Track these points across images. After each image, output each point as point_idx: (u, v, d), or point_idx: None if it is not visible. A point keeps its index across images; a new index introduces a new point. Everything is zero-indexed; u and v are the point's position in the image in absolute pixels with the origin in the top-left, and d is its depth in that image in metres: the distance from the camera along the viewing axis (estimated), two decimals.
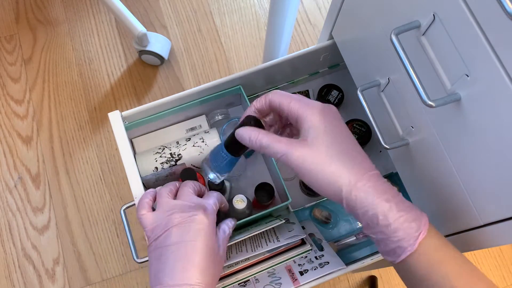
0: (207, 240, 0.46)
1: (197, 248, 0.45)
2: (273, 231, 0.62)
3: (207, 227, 0.47)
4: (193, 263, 0.44)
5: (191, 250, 0.45)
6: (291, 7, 0.76)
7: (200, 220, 0.47)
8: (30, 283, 1.04)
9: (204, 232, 0.46)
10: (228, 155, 0.48)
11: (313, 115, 0.41)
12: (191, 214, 0.47)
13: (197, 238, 0.46)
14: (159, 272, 0.44)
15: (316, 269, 0.58)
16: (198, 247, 0.45)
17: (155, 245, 0.47)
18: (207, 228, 0.47)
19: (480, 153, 0.39)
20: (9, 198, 1.10)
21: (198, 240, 0.46)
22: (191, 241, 0.45)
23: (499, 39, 0.32)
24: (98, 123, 1.16)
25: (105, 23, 1.26)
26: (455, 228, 0.49)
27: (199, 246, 0.45)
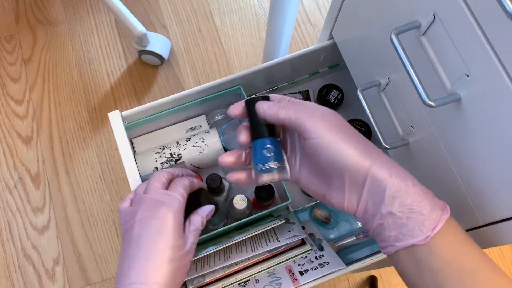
0: (168, 237, 0.44)
1: (155, 247, 0.43)
2: (273, 231, 0.62)
3: (168, 223, 0.44)
4: (151, 262, 0.43)
5: (150, 249, 0.43)
6: (291, 7, 0.76)
7: (161, 217, 0.45)
8: (30, 283, 1.04)
9: (165, 229, 0.44)
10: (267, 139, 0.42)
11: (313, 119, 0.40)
12: (153, 212, 0.45)
13: (157, 236, 0.44)
14: (119, 271, 0.44)
15: (316, 269, 0.58)
16: (157, 246, 0.43)
17: (122, 241, 0.46)
18: (168, 225, 0.44)
19: (480, 153, 0.39)
20: (9, 198, 1.10)
21: (157, 238, 0.44)
22: (150, 240, 0.44)
23: (499, 39, 0.32)
24: (98, 123, 1.16)
25: (105, 23, 1.26)
26: None
27: (158, 245, 0.43)
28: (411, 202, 0.35)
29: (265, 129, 0.42)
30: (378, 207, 0.36)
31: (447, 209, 0.36)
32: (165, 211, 0.45)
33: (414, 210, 0.35)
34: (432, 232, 0.35)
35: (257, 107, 0.42)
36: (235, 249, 0.60)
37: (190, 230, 0.48)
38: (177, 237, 0.45)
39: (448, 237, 0.36)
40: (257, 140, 0.42)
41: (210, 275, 0.58)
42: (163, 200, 0.46)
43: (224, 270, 0.58)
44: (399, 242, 0.36)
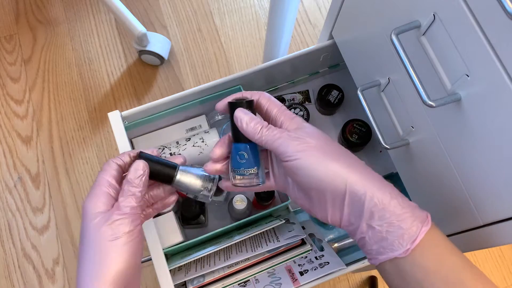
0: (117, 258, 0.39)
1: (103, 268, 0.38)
2: (273, 231, 0.62)
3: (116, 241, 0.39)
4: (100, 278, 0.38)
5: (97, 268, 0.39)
6: (291, 7, 0.76)
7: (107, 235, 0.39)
8: (30, 283, 1.04)
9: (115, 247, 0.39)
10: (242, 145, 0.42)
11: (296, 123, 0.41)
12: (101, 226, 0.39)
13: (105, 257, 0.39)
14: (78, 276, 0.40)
15: (316, 269, 0.58)
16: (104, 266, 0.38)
17: None
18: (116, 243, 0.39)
19: (481, 153, 0.39)
20: (9, 198, 1.10)
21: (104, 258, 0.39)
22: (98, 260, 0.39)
23: (499, 39, 0.32)
24: (98, 123, 1.16)
25: (105, 23, 1.26)
26: (455, 228, 0.49)
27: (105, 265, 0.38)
28: (389, 216, 0.36)
29: (242, 134, 0.41)
30: (359, 221, 0.37)
31: (428, 221, 0.36)
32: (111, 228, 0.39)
33: (393, 224, 0.36)
34: (412, 245, 0.35)
35: (235, 119, 0.41)
36: (235, 249, 0.60)
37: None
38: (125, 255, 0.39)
39: (430, 249, 0.36)
40: (235, 144, 0.43)
41: (210, 275, 0.58)
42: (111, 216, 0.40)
43: (224, 270, 0.58)
44: (380, 255, 0.37)
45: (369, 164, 0.77)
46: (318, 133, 0.40)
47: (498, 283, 1.07)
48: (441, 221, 0.51)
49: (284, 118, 0.42)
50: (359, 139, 0.71)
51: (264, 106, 0.43)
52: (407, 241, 0.35)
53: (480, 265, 1.08)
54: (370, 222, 0.37)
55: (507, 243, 0.41)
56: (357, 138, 0.71)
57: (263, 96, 0.44)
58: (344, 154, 0.39)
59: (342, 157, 0.39)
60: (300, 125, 0.41)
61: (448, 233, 0.51)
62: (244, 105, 0.42)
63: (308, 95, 0.78)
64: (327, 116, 0.78)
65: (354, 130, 0.72)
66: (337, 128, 0.76)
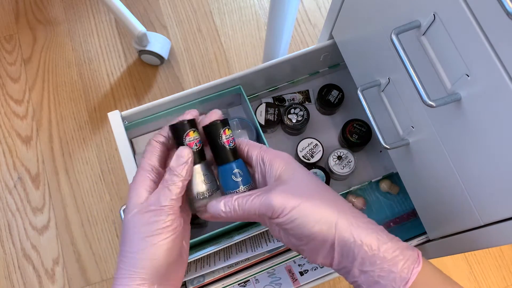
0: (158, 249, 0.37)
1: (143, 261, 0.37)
2: None
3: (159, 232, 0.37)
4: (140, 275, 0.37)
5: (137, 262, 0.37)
6: (291, 7, 0.76)
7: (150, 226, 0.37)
8: (30, 283, 1.04)
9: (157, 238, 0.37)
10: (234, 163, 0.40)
11: (282, 161, 0.40)
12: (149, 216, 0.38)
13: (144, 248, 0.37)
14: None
15: (316, 269, 0.58)
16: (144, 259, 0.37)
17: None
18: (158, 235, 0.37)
19: (481, 153, 0.39)
20: (9, 198, 1.10)
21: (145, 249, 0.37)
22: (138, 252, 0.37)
23: (499, 39, 0.32)
24: (98, 123, 1.16)
25: (105, 23, 1.26)
26: (455, 228, 0.49)
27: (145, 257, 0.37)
28: (380, 262, 0.36)
29: (229, 153, 0.40)
30: (351, 266, 0.37)
31: (419, 261, 0.37)
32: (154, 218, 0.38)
33: (384, 269, 0.36)
34: (405, 286, 0.35)
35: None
36: (235, 249, 0.60)
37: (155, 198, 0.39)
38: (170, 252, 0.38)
39: (423, 286, 0.36)
40: (223, 166, 0.40)
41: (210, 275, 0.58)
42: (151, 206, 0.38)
43: (224, 270, 0.58)
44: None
45: (369, 164, 0.77)
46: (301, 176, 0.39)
47: (498, 283, 1.07)
48: (442, 221, 0.51)
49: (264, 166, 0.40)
50: (359, 139, 0.71)
51: (244, 150, 0.42)
52: (399, 284, 0.36)
53: (480, 264, 1.08)
54: (361, 268, 0.37)
55: (507, 243, 0.41)
56: (357, 138, 0.71)
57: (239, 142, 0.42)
58: (329, 196, 0.38)
59: (329, 202, 0.38)
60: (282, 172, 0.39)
61: (448, 233, 0.51)
62: (186, 126, 0.39)
63: (308, 95, 0.78)
64: (327, 116, 0.78)
65: (354, 130, 0.72)
66: (337, 128, 0.76)
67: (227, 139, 0.40)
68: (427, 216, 0.55)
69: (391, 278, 0.36)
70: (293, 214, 0.37)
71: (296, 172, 0.40)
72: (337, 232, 0.37)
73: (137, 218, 0.38)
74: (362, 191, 0.70)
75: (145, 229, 0.37)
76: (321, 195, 0.38)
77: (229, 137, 0.40)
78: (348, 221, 0.37)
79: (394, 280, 0.36)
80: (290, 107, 0.73)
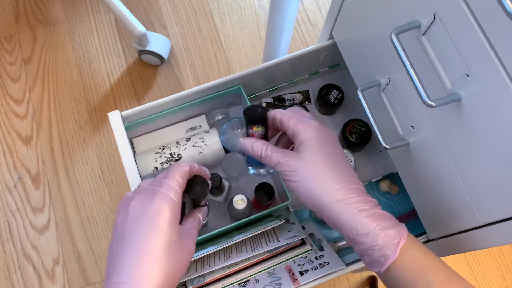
0: (162, 233, 0.39)
1: (148, 243, 0.39)
2: (273, 231, 0.62)
3: (166, 218, 0.40)
4: (142, 261, 0.38)
5: (142, 246, 0.39)
6: (291, 7, 0.76)
7: (157, 211, 0.40)
8: (30, 283, 1.04)
9: (159, 223, 0.40)
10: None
11: (306, 132, 0.45)
12: (148, 203, 0.40)
13: (150, 232, 0.39)
14: (109, 266, 0.40)
15: (316, 269, 0.58)
16: (150, 242, 0.39)
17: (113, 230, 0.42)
18: (166, 219, 0.40)
19: (481, 153, 0.39)
20: (9, 198, 1.10)
21: (150, 233, 0.39)
22: (142, 236, 0.39)
23: (499, 39, 0.32)
24: (98, 123, 1.16)
25: (105, 23, 1.26)
26: (455, 228, 0.49)
27: (151, 241, 0.39)
28: (369, 242, 0.41)
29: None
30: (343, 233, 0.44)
31: (404, 236, 0.41)
32: (159, 202, 0.40)
33: (372, 247, 0.41)
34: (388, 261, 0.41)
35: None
36: (235, 249, 0.60)
37: (188, 228, 0.44)
38: (172, 232, 0.40)
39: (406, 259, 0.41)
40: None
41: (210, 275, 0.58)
42: (156, 189, 0.42)
43: (224, 270, 0.58)
44: (371, 267, 0.43)
45: (369, 164, 0.77)
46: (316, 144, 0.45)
47: (498, 283, 1.07)
48: (442, 221, 0.51)
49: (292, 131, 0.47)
50: (359, 139, 0.71)
51: (277, 120, 0.48)
52: (382, 261, 0.41)
53: (480, 264, 1.08)
54: (348, 242, 0.44)
55: (507, 243, 0.41)
56: (357, 138, 0.71)
57: (276, 112, 0.49)
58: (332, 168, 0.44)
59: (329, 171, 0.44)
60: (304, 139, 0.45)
61: (448, 233, 0.51)
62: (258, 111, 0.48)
63: (308, 95, 0.78)
64: (327, 116, 0.78)
65: (354, 130, 0.72)
66: (337, 128, 0.76)
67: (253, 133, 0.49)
68: (427, 216, 0.55)
69: (380, 254, 0.41)
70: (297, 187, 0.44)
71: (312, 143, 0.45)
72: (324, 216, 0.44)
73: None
74: None
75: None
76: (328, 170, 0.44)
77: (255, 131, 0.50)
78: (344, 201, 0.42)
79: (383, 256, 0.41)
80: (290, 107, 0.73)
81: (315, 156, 0.44)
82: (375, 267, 0.42)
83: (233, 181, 0.72)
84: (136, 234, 0.39)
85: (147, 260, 0.38)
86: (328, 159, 0.44)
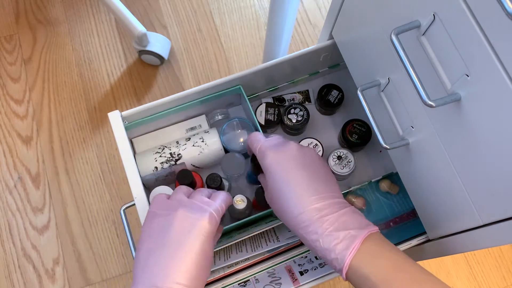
0: (205, 245, 0.46)
1: (193, 253, 0.44)
2: (273, 231, 0.62)
3: (207, 233, 0.46)
4: (186, 268, 0.43)
5: (187, 255, 0.44)
6: (291, 7, 0.76)
7: (203, 225, 0.46)
8: (30, 283, 1.04)
9: (204, 237, 0.46)
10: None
11: (262, 162, 0.51)
12: (197, 216, 0.46)
13: (195, 242, 0.45)
14: (150, 270, 0.43)
15: (316, 269, 0.58)
16: (194, 252, 0.44)
17: (151, 233, 0.46)
18: (207, 234, 0.46)
19: (480, 153, 0.39)
20: (9, 198, 1.10)
21: (196, 244, 0.45)
22: (188, 244, 0.45)
23: (499, 39, 0.32)
24: (98, 123, 1.16)
25: (105, 23, 1.26)
26: (455, 228, 0.49)
27: (195, 251, 0.45)
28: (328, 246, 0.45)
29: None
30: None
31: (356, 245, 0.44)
32: (206, 218, 0.46)
33: (330, 249, 0.45)
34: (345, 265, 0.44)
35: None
36: (235, 249, 0.60)
37: (215, 242, 0.52)
38: (210, 243, 0.47)
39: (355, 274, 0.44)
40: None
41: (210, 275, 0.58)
42: (206, 207, 0.48)
43: (224, 270, 0.58)
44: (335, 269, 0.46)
45: (369, 164, 0.77)
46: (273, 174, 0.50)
47: (498, 283, 1.07)
48: (441, 221, 0.51)
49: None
50: (359, 139, 0.71)
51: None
52: (338, 271, 0.45)
53: (480, 264, 1.08)
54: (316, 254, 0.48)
55: (507, 243, 0.41)
56: (357, 138, 0.71)
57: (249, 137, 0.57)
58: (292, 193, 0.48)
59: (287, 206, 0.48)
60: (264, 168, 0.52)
61: (448, 233, 0.51)
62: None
63: (308, 95, 0.78)
64: (327, 116, 0.78)
65: (354, 130, 0.72)
66: (337, 128, 0.76)
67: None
68: (427, 216, 0.55)
69: (333, 259, 0.45)
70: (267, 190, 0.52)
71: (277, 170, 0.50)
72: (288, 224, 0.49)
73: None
74: (362, 191, 0.71)
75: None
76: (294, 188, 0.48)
77: None
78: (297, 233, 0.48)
79: (336, 261, 0.45)
80: (290, 107, 0.73)
81: (272, 185, 0.49)
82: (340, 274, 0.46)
83: (233, 181, 0.72)
84: (183, 243, 0.44)
85: (189, 268, 0.43)
86: (287, 186, 0.48)
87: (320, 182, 0.48)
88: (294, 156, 0.50)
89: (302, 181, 0.48)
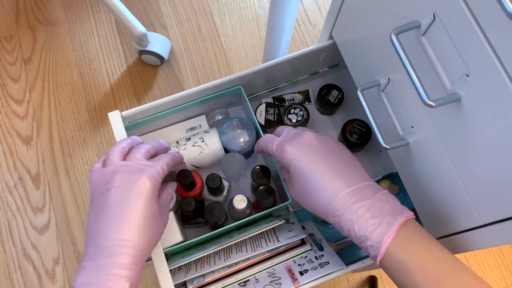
0: (147, 204, 0.45)
1: (135, 212, 0.45)
2: (273, 231, 0.62)
3: (148, 192, 0.46)
4: (129, 225, 0.44)
5: (129, 213, 0.44)
6: (291, 7, 0.76)
7: (141, 185, 0.46)
8: (30, 283, 1.04)
9: (144, 196, 0.45)
10: None
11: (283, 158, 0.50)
12: (134, 178, 0.46)
13: (136, 202, 0.45)
14: (96, 233, 0.44)
15: (316, 269, 0.58)
16: (136, 211, 0.45)
17: (94, 203, 0.47)
18: (147, 193, 0.46)
19: (480, 153, 0.39)
20: (9, 198, 1.10)
21: (136, 203, 0.45)
22: (129, 204, 0.45)
23: (499, 39, 0.32)
24: (98, 123, 1.16)
25: (105, 23, 1.26)
26: (455, 228, 0.49)
27: (137, 210, 0.45)
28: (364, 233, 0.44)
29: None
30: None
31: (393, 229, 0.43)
32: (144, 178, 0.46)
33: (365, 236, 0.44)
34: (380, 252, 0.43)
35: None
36: (235, 249, 0.60)
37: (164, 200, 0.51)
38: (155, 206, 0.47)
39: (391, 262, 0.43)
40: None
41: (210, 275, 0.58)
42: (143, 169, 0.47)
43: (224, 270, 0.58)
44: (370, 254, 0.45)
45: (369, 164, 0.77)
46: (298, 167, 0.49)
47: (498, 283, 1.07)
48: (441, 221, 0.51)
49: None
50: (359, 139, 0.71)
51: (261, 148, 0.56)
52: (373, 257, 0.44)
53: (480, 264, 1.08)
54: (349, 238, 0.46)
55: (507, 243, 0.41)
56: (357, 138, 0.71)
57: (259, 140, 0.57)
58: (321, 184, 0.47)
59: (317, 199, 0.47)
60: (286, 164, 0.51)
61: (448, 233, 0.51)
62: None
63: (308, 95, 0.78)
64: (327, 116, 0.78)
65: (354, 130, 0.72)
66: (337, 128, 0.76)
67: None
68: (427, 216, 0.55)
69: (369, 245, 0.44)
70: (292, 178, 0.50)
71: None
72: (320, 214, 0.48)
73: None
74: None
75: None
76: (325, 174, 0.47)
77: None
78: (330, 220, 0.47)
79: (372, 247, 0.44)
80: (290, 107, 0.73)
81: (297, 179, 0.48)
82: (373, 260, 0.45)
83: (233, 181, 0.72)
84: (123, 203, 0.44)
85: (132, 225, 0.44)
86: (314, 176, 0.47)
87: (345, 168, 0.47)
88: (314, 146, 0.49)
89: (328, 169, 0.47)
